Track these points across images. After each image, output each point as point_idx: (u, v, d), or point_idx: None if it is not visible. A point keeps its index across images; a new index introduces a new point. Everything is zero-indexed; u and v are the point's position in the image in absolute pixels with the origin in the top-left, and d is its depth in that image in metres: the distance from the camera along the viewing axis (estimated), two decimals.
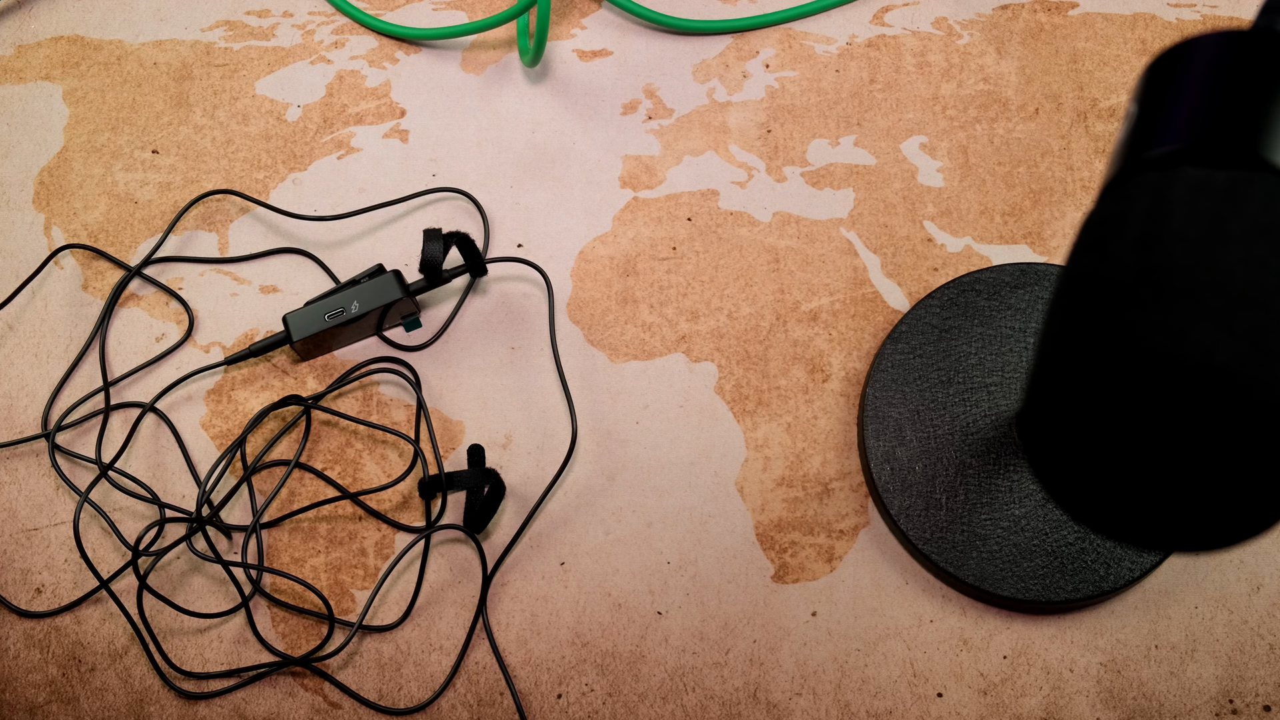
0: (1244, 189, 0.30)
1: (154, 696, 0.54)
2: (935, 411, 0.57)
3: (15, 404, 0.60)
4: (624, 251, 0.63)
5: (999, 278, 0.59)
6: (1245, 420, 0.26)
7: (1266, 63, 0.32)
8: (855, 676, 0.54)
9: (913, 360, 0.58)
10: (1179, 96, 0.33)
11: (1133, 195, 0.31)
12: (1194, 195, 0.30)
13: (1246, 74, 0.32)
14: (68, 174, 0.65)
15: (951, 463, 0.55)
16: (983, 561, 0.54)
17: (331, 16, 0.69)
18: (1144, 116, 0.34)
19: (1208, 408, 0.26)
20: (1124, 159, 0.33)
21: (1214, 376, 0.26)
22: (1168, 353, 0.27)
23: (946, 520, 0.54)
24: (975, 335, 0.58)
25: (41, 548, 0.57)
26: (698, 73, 0.67)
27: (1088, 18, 0.68)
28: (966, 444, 0.56)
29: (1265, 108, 0.31)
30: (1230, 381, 0.26)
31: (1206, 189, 0.30)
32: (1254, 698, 0.53)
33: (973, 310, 0.58)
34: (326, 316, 0.58)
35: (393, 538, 0.57)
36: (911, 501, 0.55)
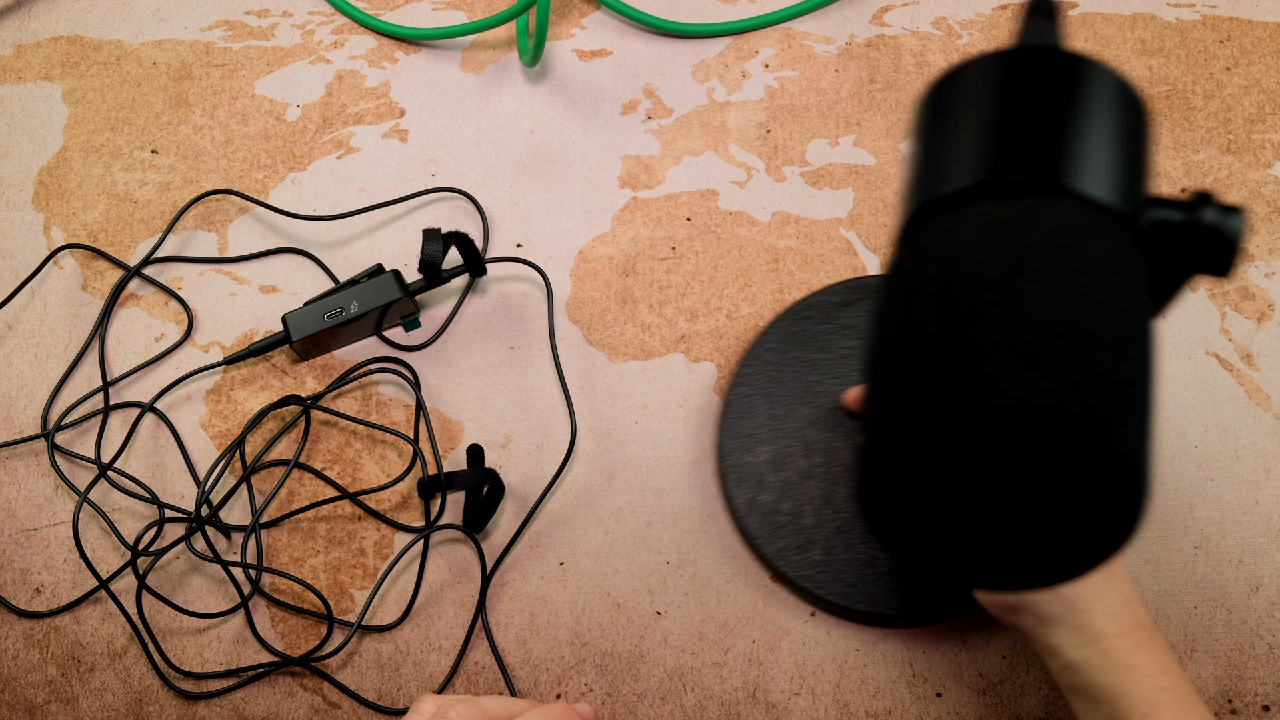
0: (1035, 218, 0.29)
1: (153, 696, 0.54)
2: (789, 448, 0.56)
3: (14, 404, 0.60)
4: (623, 251, 0.63)
5: (828, 300, 0.59)
6: (1073, 454, 0.26)
7: (1041, 82, 0.31)
8: (854, 676, 0.54)
9: (758, 402, 0.57)
10: (957, 128, 0.31)
11: (925, 242, 0.30)
12: (986, 232, 0.29)
13: (1022, 96, 0.31)
14: (67, 174, 0.65)
15: (816, 495, 0.55)
16: (869, 585, 0.54)
17: (331, 16, 0.69)
18: (926, 154, 0.32)
19: (1037, 449, 0.26)
20: (912, 203, 0.32)
21: (1036, 419, 0.26)
22: (987, 405, 0.26)
23: (824, 556, 0.54)
24: (815, 363, 0.57)
25: (41, 548, 0.57)
26: (697, 72, 0.67)
27: (1087, 18, 0.68)
28: (829, 472, 0.55)
29: (1047, 129, 0.30)
30: (1052, 421, 0.26)
31: (998, 224, 0.29)
32: (1253, 698, 0.53)
33: (808, 338, 0.58)
34: (326, 316, 0.58)
35: (392, 538, 0.57)
36: (785, 541, 0.54)
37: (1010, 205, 0.29)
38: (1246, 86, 0.66)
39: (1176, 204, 0.32)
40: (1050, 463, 0.26)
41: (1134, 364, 0.28)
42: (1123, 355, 0.27)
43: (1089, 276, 0.28)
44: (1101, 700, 0.43)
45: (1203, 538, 0.56)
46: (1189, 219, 0.31)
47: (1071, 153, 0.30)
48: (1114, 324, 0.28)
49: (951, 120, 0.32)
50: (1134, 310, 0.28)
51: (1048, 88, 0.31)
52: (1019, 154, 0.30)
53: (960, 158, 0.30)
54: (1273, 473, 0.57)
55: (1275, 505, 0.57)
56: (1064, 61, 0.31)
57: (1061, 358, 0.26)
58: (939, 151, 0.31)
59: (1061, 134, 0.30)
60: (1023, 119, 0.30)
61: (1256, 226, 0.63)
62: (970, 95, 0.31)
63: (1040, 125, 0.30)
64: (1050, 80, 0.31)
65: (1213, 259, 0.32)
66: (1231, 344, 0.60)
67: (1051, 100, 0.30)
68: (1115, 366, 0.27)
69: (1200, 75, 0.67)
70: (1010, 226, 0.28)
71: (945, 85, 0.33)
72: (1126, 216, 0.30)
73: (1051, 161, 0.29)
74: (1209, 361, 0.59)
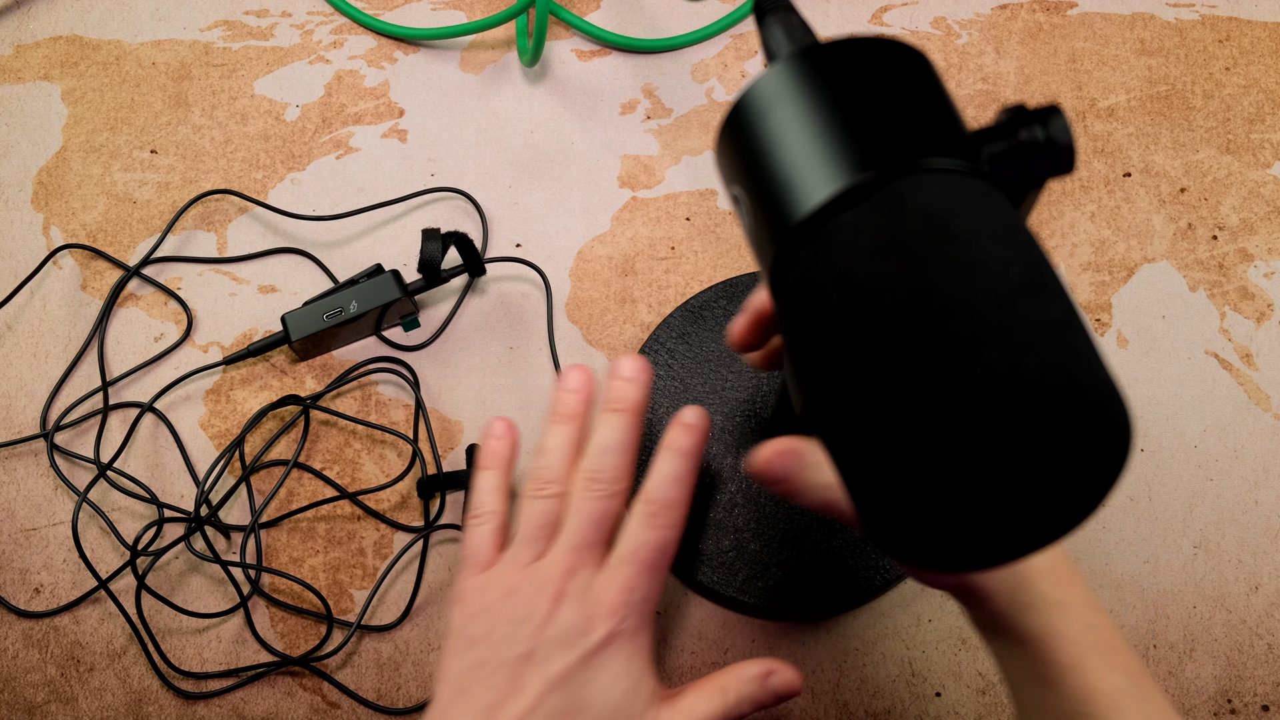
0: (899, 205, 0.28)
1: (153, 696, 0.54)
2: None
3: (14, 404, 0.60)
4: (622, 251, 0.63)
5: (705, 300, 0.58)
6: (1059, 414, 0.26)
7: (827, 81, 0.31)
8: (854, 676, 0.54)
9: (652, 419, 0.56)
10: (774, 156, 0.31)
11: (807, 277, 0.29)
12: (861, 242, 0.28)
13: (816, 103, 0.30)
14: (66, 174, 0.65)
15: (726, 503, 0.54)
16: (770, 586, 0.53)
17: (330, 16, 0.69)
18: (760, 191, 0.31)
19: (1030, 421, 0.26)
20: (772, 243, 0.31)
21: (1023, 394, 0.26)
22: (977, 398, 0.26)
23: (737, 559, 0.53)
24: (699, 368, 0.57)
25: (40, 548, 0.57)
26: (696, 72, 0.67)
27: (1086, 17, 0.68)
28: (735, 481, 0.55)
29: (861, 122, 0.30)
30: (1036, 389, 0.26)
31: (869, 227, 0.28)
32: (1252, 698, 0.53)
33: (694, 340, 0.58)
34: (325, 316, 0.58)
35: (391, 537, 0.57)
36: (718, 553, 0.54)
37: (870, 205, 0.29)
38: (1246, 86, 0.66)
39: (998, 131, 0.32)
40: (1043, 429, 0.26)
41: (1056, 296, 0.28)
42: (1044, 294, 0.27)
43: (976, 237, 0.28)
44: (1029, 642, 0.41)
45: (1202, 538, 0.56)
46: (1017, 143, 0.31)
47: (893, 132, 0.30)
48: (1021, 268, 0.28)
49: (765, 150, 0.31)
50: (1025, 243, 0.28)
51: (836, 84, 0.31)
52: (850, 156, 0.29)
53: (797, 184, 0.30)
54: (1272, 473, 0.57)
55: (1275, 505, 0.57)
56: (836, 53, 0.31)
57: (997, 324, 0.26)
58: (771, 184, 0.31)
59: (875, 119, 0.30)
60: (832, 123, 0.30)
61: (1256, 226, 0.63)
62: (770, 120, 0.31)
63: (853, 121, 0.30)
64: (835, 75, 0.31)
65: (1055, 165, 0.32)
66: (1231, 344, 0.60)
67: (847, 93, 0.30)
68: (1047, 309, 0.27)
69: (1199, 75, 0.67)
70: (882, 225, 0.28)
71: (739, 118, 0.32)
72: (970, 165, 0.30)
73: (881, 149, 0.29)
74: (1208, 361, 0.59)
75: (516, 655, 0.43)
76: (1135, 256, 0.62)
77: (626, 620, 0.44)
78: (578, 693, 0.43)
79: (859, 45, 0.31)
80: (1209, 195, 0.63)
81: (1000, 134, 0.32)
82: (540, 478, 0.47)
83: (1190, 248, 0.62)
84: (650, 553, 0.44)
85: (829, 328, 0.28)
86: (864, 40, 0.31)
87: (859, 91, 0.30)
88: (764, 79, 0.31)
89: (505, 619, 0.44)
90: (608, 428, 0.47)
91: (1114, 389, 0.27)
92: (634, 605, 0.44)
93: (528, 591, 0.44)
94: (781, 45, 0.34)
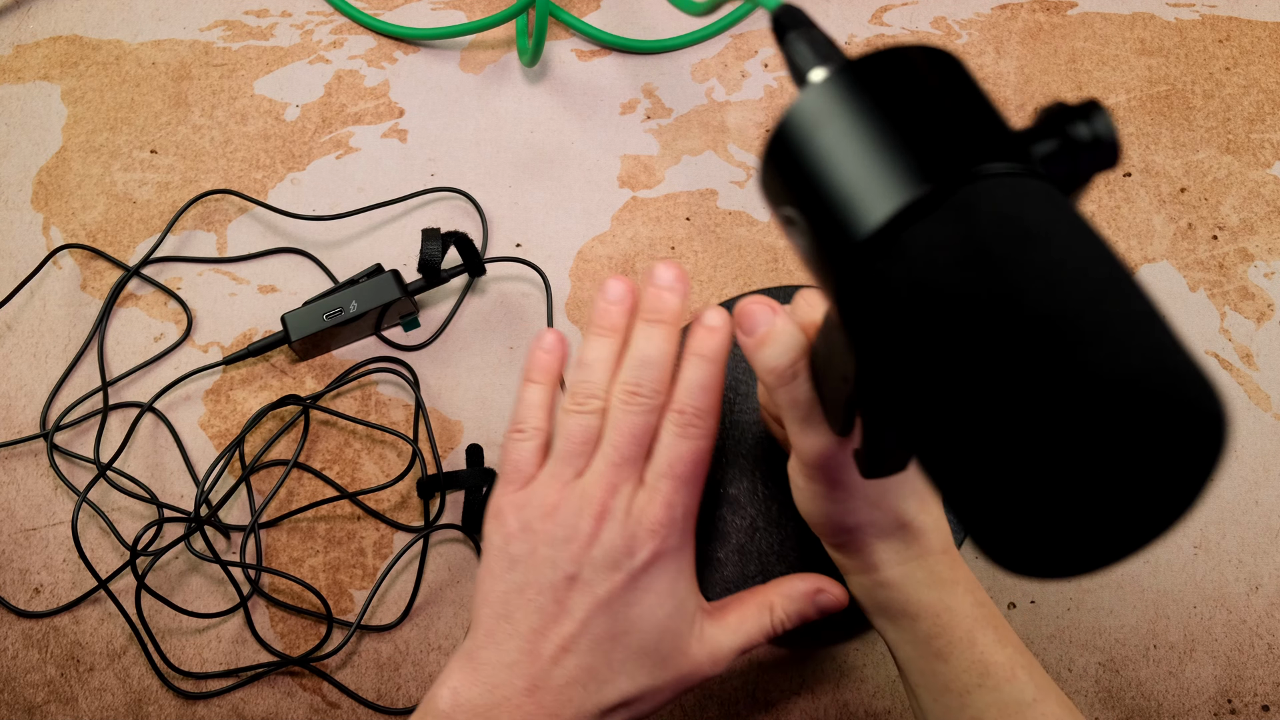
0: (970, 213, 0.28)
1: (152, 696, 0.54)
2: None
3: (14, 404, 0.60)
4: (622, 251, 0.63)
5: None
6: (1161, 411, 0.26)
7: (876, 93, 0.30)
8: (854, 676, 0.54)
9: None
10: (831, 173, 0.30)
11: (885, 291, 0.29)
12: (940, 253, 0.28)
13: (868, 115, 0.30)
14: (66, 174, 0.65)
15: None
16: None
17: (330, 16, 0.69)
18: (819, 210, 0.31)
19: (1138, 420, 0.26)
20: (837, 260, 0.30)
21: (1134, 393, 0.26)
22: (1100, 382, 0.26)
23: None
24: None
25: (40, 547, 0.57)
26: (696, 72, 0.67)
27: (1086, 17, 0.68)
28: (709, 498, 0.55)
29: (913, 129, 0.30)
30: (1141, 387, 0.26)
31: (944, 237, 0.28)
32: (1252, 698, 0.53)
33: None
34: (325, 316, 0.58)
35: (391, 537, 0.57)
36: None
37: (938, 218, 0.28)
38: (1246, 86, 0.66)
39: (1044, 131, 0.32)
40: (1150, 423, 0.26)
41: (1136, 290, 0.28)
42: (1126, 288, 0.27)
43: (1052, 238, 0.28)
44: (921, 616, 0.43)
45: (1203, 538, 0.56)
46: (1066, 142, 0.32)
47: (951, 141, 0.30)
48: (1100, 265, 0.28)
49: (817, 170, 0.31)
50: (1097, 240, 0.29)
51: (883, 96, 0.30)
52: (911, 167, 0.29)
53: (860, 200, 0.30)
54: (1273, 473, 0.57)
55: (1275, 505, 0.57)
56: (877, 65, 0.31)
57: (1092, 323, 0.26)
58: (828, 204, 0.30)
59: (930, 129, 0.30)
60: (887, 135, 0.30)
61: (1256, 226, 0.63)
62: (819, 140, 0.31)
63: (908, 132, 0.30)
64: (880, 88, 0.31)
65: (1101, 160, 0.32)
66: (1231, 344, 0.60)
67: (896, 104, 0.30)
68: (1131, 304, 0.27)
69: (1200, 75, 0.67)
70: (956, 235, 0.28)
71: (783, 143, 0.32)
72: (1027, 167, 0.30)
73: (942, 158, 0.29)
74: (1209, 361, 0.59)
75: (561, 577, 0.43)
76: (1135, 256, 0.62)
77: (669, 538, 0.44)
78: (624, 614, 0.43)
79: (896, 55, 0.31)
80: (1209, 195, 0.63)
81: (1047, 133, 0.32)
82: (581, 392, 0.46)
83: (1190, 248, 0.62)
84: (687, 465, 0.44)
85: (913, 341, 0.28)
86: (900, 50, 0.31)
87: (907, 102, 0.30)
88: (808, 97, 0.31)
89: (547, 539, 0.44)
90: (647, 339, 0.46)
91: (1207, 380, 0.27)
92: (676, 522, 0.44)
93: (569, 510, 0.44)
94: (809, 61, 0.33)
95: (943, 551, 0.44)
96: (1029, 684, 0.42)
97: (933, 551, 0.44)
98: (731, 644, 0.45)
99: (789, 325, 0.41)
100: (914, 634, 0.43)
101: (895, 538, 0.44)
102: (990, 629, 0.43)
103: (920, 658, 0.43)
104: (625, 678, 0.43)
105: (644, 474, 0.45)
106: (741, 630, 0.45)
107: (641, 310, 0.47)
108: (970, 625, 0.42)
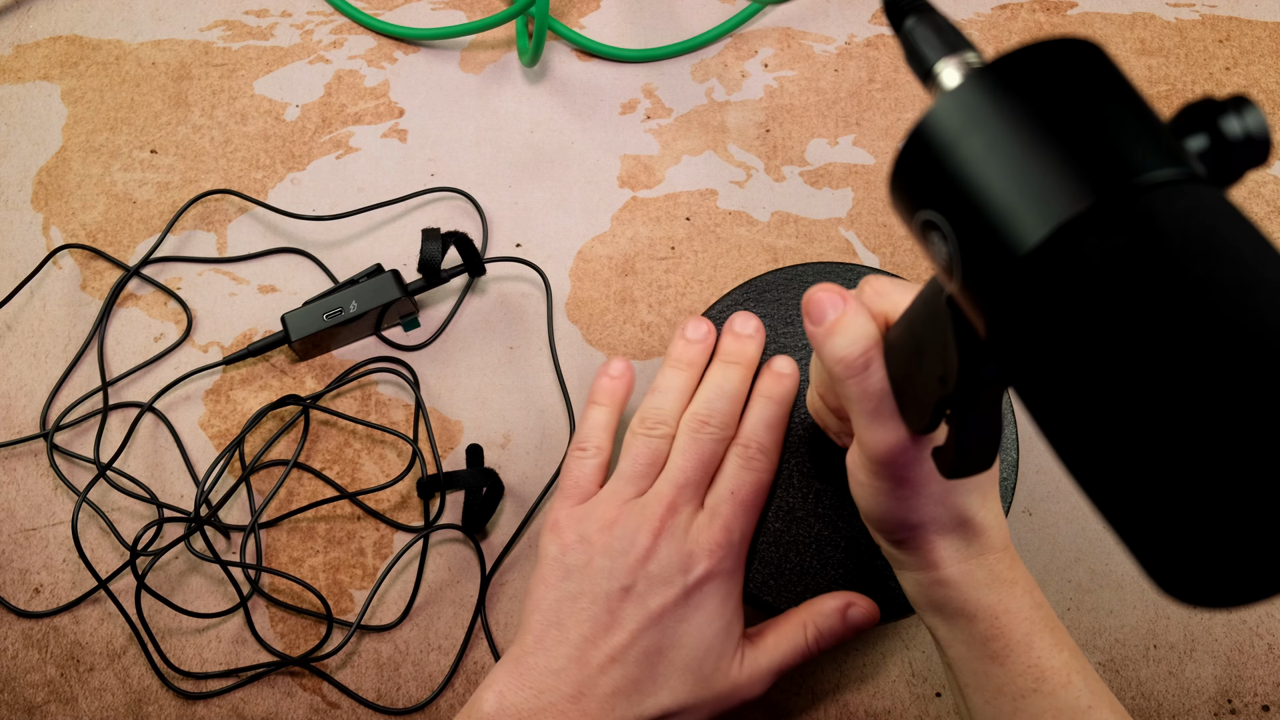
0: (1152, 225, 0.26)
1: (152, 696, 0.54)
2: None
3: (14, 404, 0.60)
4: (622, 251, 0.63)
5: (769, 281, 0.57)
6: None
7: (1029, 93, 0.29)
8: (854, 676, 0.54)
9: None
10: (985, 179, 0.28)
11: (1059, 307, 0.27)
12: (1123, 268, 0.26)
13: (1024, 118, 0.28)
14: (66, 174, 0.65)
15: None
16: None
17: (330, 16, 0.69)
18: (972, 217, 0.29)
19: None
20: (997, 271, 0.28)
21: None
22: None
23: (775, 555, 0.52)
24: None
25: (40, 548, 0.57)
26: (696, 72, 0.67)
27: (1086, 17, 0.68)
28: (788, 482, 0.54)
29: (1075, 134, 0.28)
30: None
31: (1125, 251, 0.26)
32: (1253, 698, 0.53)
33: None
34: (325, 316, 0.58)
35: (391, 537, 0.57)
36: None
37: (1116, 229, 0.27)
38: (1246, 86, 0.66)
39: (1197, 127, 0.30)
40: None
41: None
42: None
43: (1242, 251, 0.26)
44: (979, 617, 0.42)
45: None
46: (1218, 139, 0.30)
47: (1117, 145, 0.28)
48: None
49: (971, 172, 0.29)
50: (1273, 249, 0.27)
51: (1037, 97, 0.29)
52: (1080, 174, 0.27)
53: (1021, 206, 0.28)
54: None
55: None
56: (1025, 62, 0.29)
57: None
58: (982, 213, 0.29)
59: (1094, 132, 0.28)
60: (1047, 140, 0.28)
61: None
62: (972, 139, 0.29)
63: (1069, 136, 0.28)
64: (1033, 87, 0.29)
65: (1253, 157, 0.30)
66: None
67: (1052, 106, 0.29)
68: None
69: (1200, 75, 0.67)
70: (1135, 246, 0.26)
71: (920, 143, 0.30)
72: (1192, 171, 0.28)
73: (1111, 164, 0.27)
74: None
75: (616, 588, 0.44)
76: None
77: (725, 560, 0.45)
78: (673, 629, 0.44)
79: (1044, 50, 0.29)
80: None
81: (1196, 128, 0.30)
82: (651, 417, 0.48)
83: None
84: (748, 493, 0.46)
85: (1103, 357, 0.26)
86: (1046, 44, 0.29)
87: (1060, 102, 0.29)
88: (951, 99, 0.29)
89: (603, 551, 0.44)
90: (724, 376, 0.49)
91: None
92: (732, 545, 0.45)
93: (628, 525, 0.45)
94: (937, 50, 0.32)
95: (1003, 549, 0.43)
96: (1084, 690, 0.41)
97: (994, 549, 0.43)
98: (770, 664, 0.46)
99: (860, 314, 0.40)
100: (969, 634, 0.42)
101: (956, 535, 0.42)
102: (1048, 632, 0.42)
103: (974, 658, 0.42)
104: (667, 692, 0.44)
105: (704, 499, 0.47)
106: (778, 651, 0.46)
107: (720, 353, 0.50)
108: (1028, 628, 0.42)
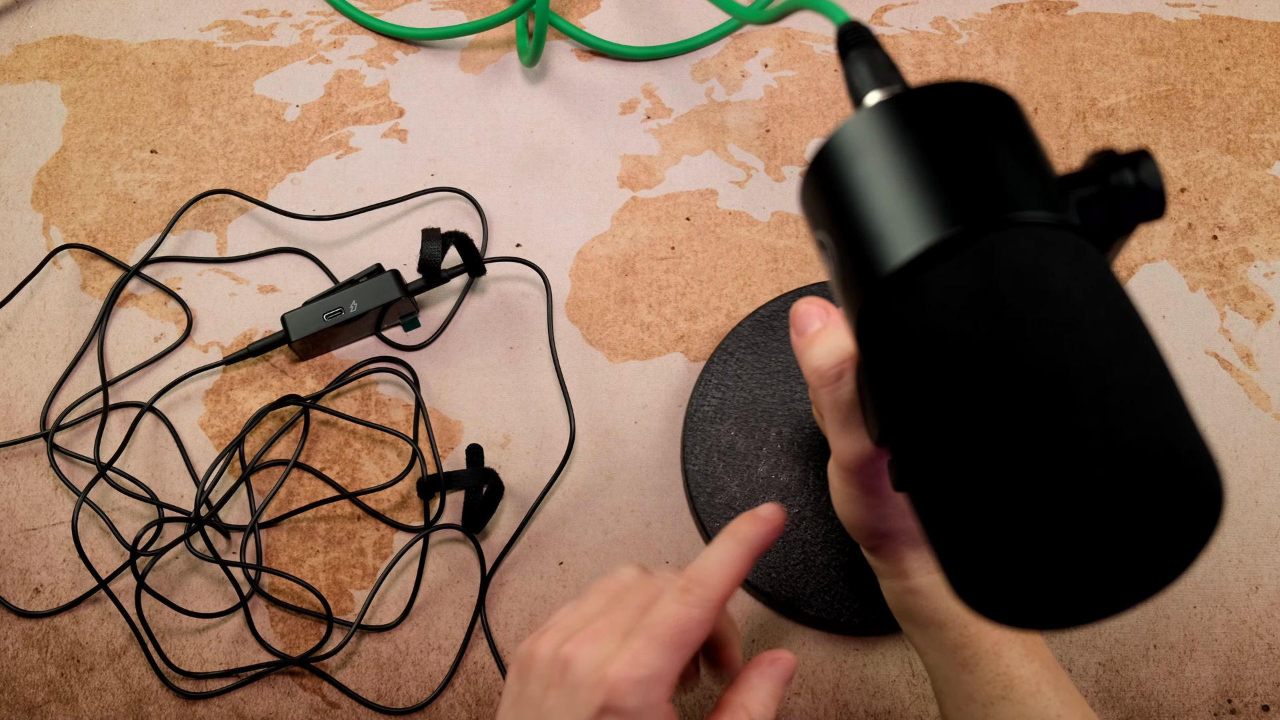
0: (991, 262, 0.28)
1: (152, 696, 0.54)
2: (750, 466, 0.56)
3: (14, 404, 0.60)
4: (622, 251, 0.63)
5: (774, 309, 0.59)
6: (1153, 477, 0.26)
7: (921, 128, 0.30)
8: (854, 676, 0.54)
9: (721, 429, 0.56)
10: (863, 205, 0.30)
11: (898, 331, 0.29)
12: (954, 300, 0.28)
13: (908, 150, 0.30)
14: (66, 174, 0.65)
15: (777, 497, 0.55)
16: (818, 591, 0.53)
17: (330, 16, 0.69)
18: (848, 240, 0.30)
19: (1126, 485, 0.26)
20: (860, 294, 0.30)
21: (1120, 458, 0.26)
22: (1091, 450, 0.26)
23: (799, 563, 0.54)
24: (774, 371, 0.57)
25: (40, 547, 0.57)
26: (696, 72, 0.67)
27: (1086, 17, 0.68)
28: (779, 485, 0.55)
29: (960, 172, 0.29)
30: (1130, 454, 0.26)
31: (961, 285, 0.28)
32: (1252, 698, 0.53)
33: (763, 350, 0.58)
34: (325, 316, 0.58)
35: (391, 537, 0.57)
36: None
37: (959, 262, 0.28)
38: (1246, 86, 0.66)
39: (1087, 176, 0.31)
40: (1136, 495, 0.26)
41: (1149, 356, 0.28)
42: (1137, 354, 0.27)
43: (1069, 296, 0.27)
44: (949, 625, 0.43)
45: None
46: (1107, 188, 0.31)
47: (985, 185, 0.29)
48: (1114, 326, 0.28)
49: (853, 193, 0.30)
50: (1117, 300, 0.28)
51: (927, 132, 0.30)
52: (941, 209, 0.29)
53: (888, 233, 0.29)
54: (1273, 473, 0.57)
55: (1275, 505, 0.57)
56: (927, 99, 0.30)
57: (1093, 390, 0.26)
58: (859, 231, 0.30)
59: (967, 171, 0.29)
60: (922, 173, 0.29)
61: (1256, 226, 0.63)
62: (862, 164, 0.30)
63: (944, 172, 0.29)
64: (925, 123, 0.30)
65: (1145, 210, 0.31)
66: (1231, 344, 0.60)
67: (938, 142, 0.30)
68: (1141, 371, 0.27)
69: (1200, 75, 0.67)
70: (975, 283, 0.28)
71: (825, 164, 0.31)
72: (1060, 217, 0.29)
73: (972, 202, 0.29)
74: (1209, 361, 0.59)
75: (533, 717, 0.42)
76: (1135, 256, 0.62)
77: (626, 697, 0.40)
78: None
79: (949, 90, 0.30)
80: (1209, 195, 0.63)
81: (1089, 179, 0.31)
82: None
83: (1190, 248, 0.62)
84: (668, 629, 0.41)
85: (919, 383, 0.28)
86: (954, 85, 0.31)
87: (950, 141, 0.30)
88: (853, 124, 0.30)
89: (533, 677, 0.43)
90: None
91: (1207, 455, 0.27)
92: (638, 683, 0.40)
93: (547, 651, 0.42)
94: (866, 83, 0.33)
95: None
96: (1054, 700, 0.42)
97: None
98: None
99: (839, 328, 0.42)
100: (940, 642, 0.43)
101: (926, 546, 0.43)
102: (1017, 642, 0.43)
103: (946, 665, 0.43)
104: None
105: None
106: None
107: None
108: (997, 637, 0.42)
